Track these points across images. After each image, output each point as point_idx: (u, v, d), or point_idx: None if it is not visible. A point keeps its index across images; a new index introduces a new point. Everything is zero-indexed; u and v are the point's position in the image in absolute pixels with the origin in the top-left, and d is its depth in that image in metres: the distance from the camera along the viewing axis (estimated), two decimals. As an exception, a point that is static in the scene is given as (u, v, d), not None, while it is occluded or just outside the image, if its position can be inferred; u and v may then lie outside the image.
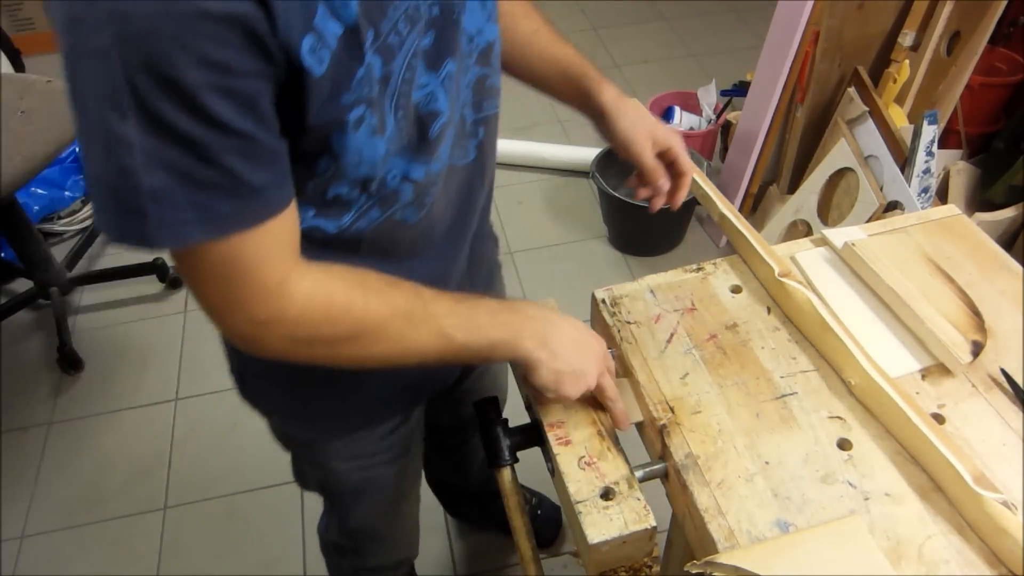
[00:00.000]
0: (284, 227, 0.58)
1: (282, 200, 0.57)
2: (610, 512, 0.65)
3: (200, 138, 0.49)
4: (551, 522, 1.60)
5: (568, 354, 0.70)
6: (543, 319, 0.71)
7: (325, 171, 0.61)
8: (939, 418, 0.71)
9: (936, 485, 0.66)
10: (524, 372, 0.72)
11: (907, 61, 1.79)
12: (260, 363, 0.77)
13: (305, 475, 1.04)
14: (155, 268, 2.15)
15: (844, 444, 0.69)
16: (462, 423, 1.25)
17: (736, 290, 0.85)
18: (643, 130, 0.86)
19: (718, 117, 2.35)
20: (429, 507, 1.61)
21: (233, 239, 0.54)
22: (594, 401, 0.75)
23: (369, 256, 0.71)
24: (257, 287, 0.58)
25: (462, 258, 0.83)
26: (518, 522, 0.73)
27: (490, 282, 0.99)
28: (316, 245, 0.67)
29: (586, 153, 2.32)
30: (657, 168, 0.87)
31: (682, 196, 0.90)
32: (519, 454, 0.76)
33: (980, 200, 1.89)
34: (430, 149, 0.67)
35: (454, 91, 0.67)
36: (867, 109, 1.79)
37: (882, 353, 0.76)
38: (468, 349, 0.68)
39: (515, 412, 0.85)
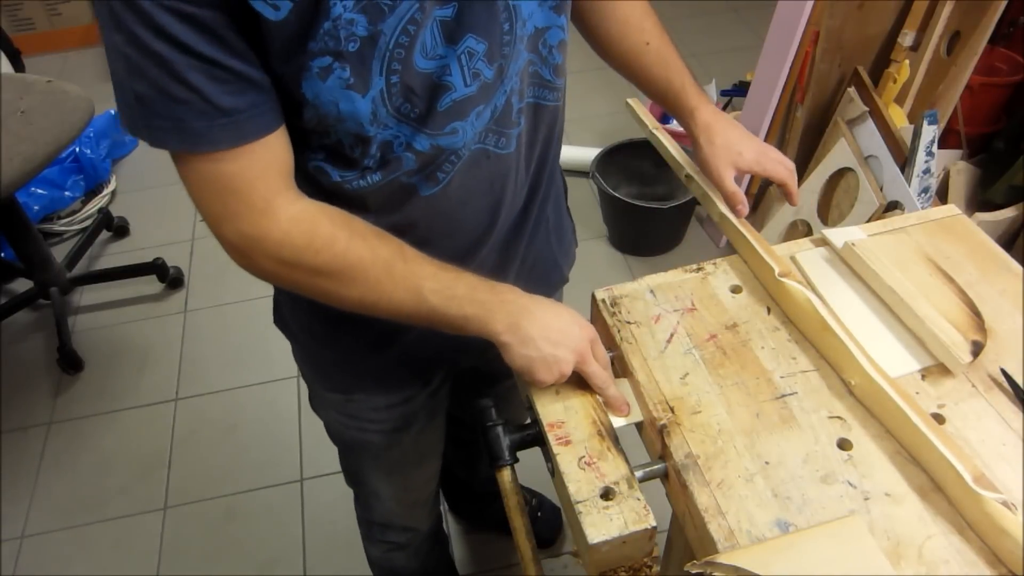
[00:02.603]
0: (270, 153, 0.63)
1: (260, 128, 0.61)
2: (610, 512, 0.65)
3: (166, 55, 0.55)
4: (551, 522, 1.60)
5: (540, 340, 0.71)
6: (519, 305, 0.72)
7: (311, 119, 0.63)
8: (939, 418, 0.71)
9: (936, 485, 0.66)
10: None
11: (907, 61, 1.79)
12: (287, 292, 0.83)
13: (315, 406, 1.07)
14: (155, 268, 2.15)
15: (844, 444, 0.69)
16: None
17: (736, 290, 0.85)
18: (725, 158, 0.87)
19: (718, 117, 2.34)
20: (429, 507, 1.61)
21: (216, 155, 0.60)
22: (594, 398, 0.75)
23: (380, 217, 0.72)
24: (244, 203, 0.62)
25: (489, 250, 0.84)
26: (518, 522, 0.73)
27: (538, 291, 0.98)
28: (325, 193, 0.70)
29: (586, 153, 2.32)
30: (735, 194, 0.88)
31: (792, 196, 0.90)
32: (519, 454, 0.76)
33: (980, 200, 1.89)
34: (437, 122, 0.67)
35: (489, 71, 0.67)
36: (867, 109, 1.79)
37: (882, 353, 0.76)
38: (439, 314, 0.69)
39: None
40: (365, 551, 1.31)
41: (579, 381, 0.75)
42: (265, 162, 0.62)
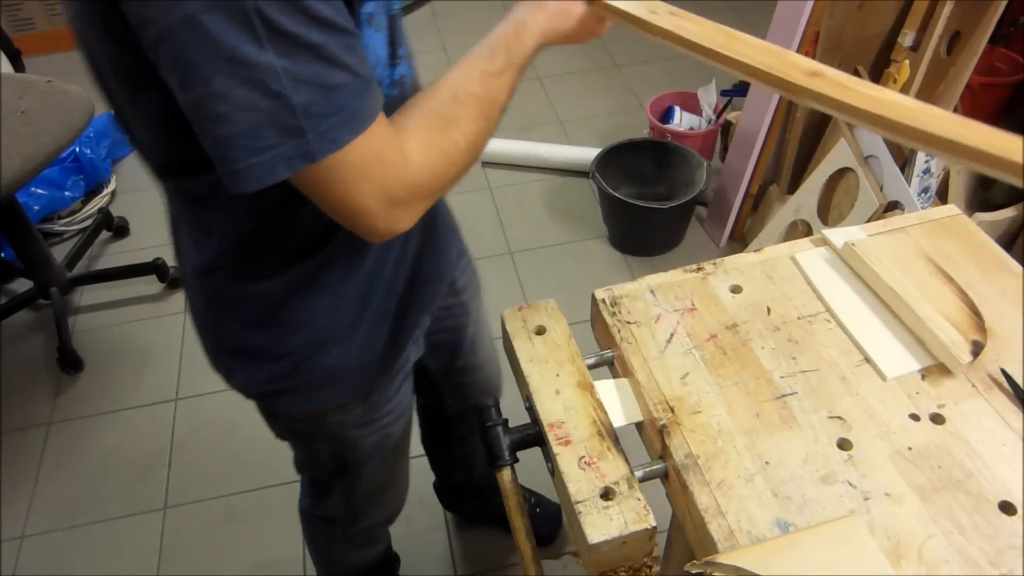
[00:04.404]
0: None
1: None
2: (610, 512, 0.65)
3: (321, 42, 0.55)
4: (551, 522, 1.60)
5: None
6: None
7: None
8: (939, 418, 0.71)
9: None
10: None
11: (907, 61, 1.79)
12: (284, 343, 0.84)
13: (319, 457, 1.03)
14: (155, 268, 2.15)
15: (844, 444, 0.69)
16: (467, 408, 1.26)
17: (736, 290, 0.85)
18: None
19: (718, 117, 2.35)
20: (429, 507, 1.61)
21: (367, 131, 0.59)
22: (594, 398, 0.75)
23: None
24: (389, 166, 0.62)
25: None
26: (518, 522, 0.73)
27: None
28: None
29: (586, 153, 2.32)
30: None
31: None
32: (519, 454, 0.76)
33: (980, 200, 1.89)
34: (396, 53, 0.73)
35: None
36: (867, 109, 1.78)
37: (882, 353, 0.76)
38: (514, 69, 0.71)
39: (514, 412, 0.85)
40: (342, 560, 1.28)
41: (579, 381, 0.75)
42: (386, 118, 0.64)
